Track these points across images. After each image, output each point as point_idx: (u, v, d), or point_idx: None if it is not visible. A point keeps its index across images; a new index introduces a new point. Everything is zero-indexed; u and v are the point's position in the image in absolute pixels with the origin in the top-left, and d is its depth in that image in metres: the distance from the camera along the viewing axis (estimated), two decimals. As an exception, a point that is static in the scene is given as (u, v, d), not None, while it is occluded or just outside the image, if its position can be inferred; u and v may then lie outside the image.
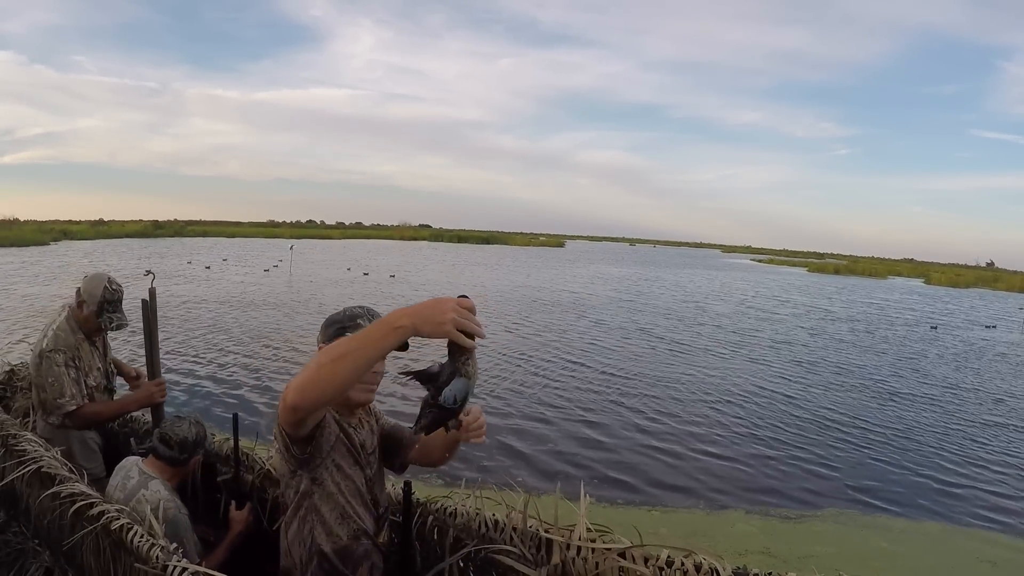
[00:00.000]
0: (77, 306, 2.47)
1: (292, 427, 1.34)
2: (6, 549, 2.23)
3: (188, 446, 1.95)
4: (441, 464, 1.72)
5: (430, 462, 1.71)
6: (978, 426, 7.22)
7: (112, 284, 2.46)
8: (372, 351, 1.11)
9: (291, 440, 1.39)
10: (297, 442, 1.40)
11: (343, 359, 1.11)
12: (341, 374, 1.12)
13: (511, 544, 1.70)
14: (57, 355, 2.35)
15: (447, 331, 1.08)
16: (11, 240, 29.66)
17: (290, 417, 1.26)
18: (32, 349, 2.48)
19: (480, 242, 69.67)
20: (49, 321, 2.47)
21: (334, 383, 1.13)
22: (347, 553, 1.49)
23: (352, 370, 1.12)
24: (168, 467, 1.95)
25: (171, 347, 8.87)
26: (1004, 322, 19.15)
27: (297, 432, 1.37)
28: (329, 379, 1.13)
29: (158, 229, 49.03)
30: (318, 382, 1.13)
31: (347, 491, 1.50)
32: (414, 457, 1.71)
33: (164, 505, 1.87)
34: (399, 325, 1.10)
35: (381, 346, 1.11)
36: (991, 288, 40.19)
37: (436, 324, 1.08)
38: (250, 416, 6.01)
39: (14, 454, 2.04)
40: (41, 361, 2.33)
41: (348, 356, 1.11)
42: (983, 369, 10.97)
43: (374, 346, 1.11)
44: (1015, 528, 4.63)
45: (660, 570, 1.52)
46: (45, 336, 2.39)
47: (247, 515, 1.98)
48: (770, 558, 3.86)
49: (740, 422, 6.73)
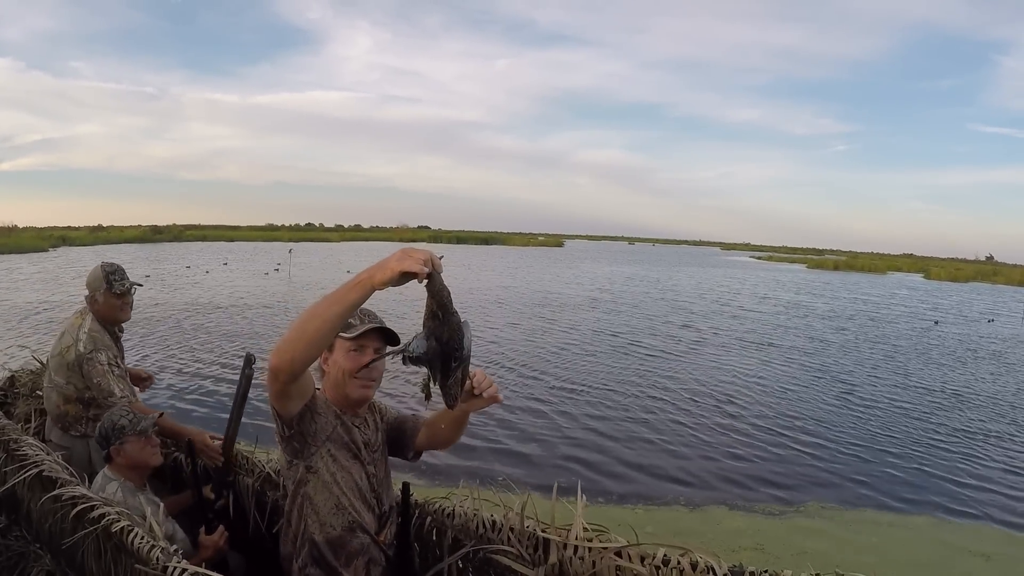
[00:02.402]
0: (91, 302, 2.49)
1: (278, 399, 1.39)
2: (7, 553, 2.25)
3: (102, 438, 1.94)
4: (452, 443, 1.75)
5: (440, 442, 1.74)
6: (965, 419, 7.21)
7: (106, 263, 2.52)
8: (338, 307, 1.19)
9: (280, 418, 1.45)
10: (286, 421, 1.45)
11: (313, 318, 1.20)
12: (311, 331, 1.20)
13: (509, 544, 1.72)
14: (100, 354, 2.38)
15: (395, 268, 1.14)
16: (10, 247, 29.62)
17: (273, 384, 1.33)
18: (51, 355, 2.49)
19: (479, 242, 69.68)
20: (69, 327, 2.48)
21: (306, 340, 1.21)
22: (339, 544, 1.51)
23: (322, 326, 1.20)
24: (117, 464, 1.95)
25: (172, 351, 8.90)
26: (1004, 316, 19.16)
27: (284, 407, 1.42)
28: (300, 337, 1.21)
29: (157, 234, 48.99)
30: (292, 341, 1.22)
31: (343, 483, 1.53)
32: (423, 442, 1.73)
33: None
34: (358, 280, 1.18)
35: (345, 300, 1.19)
36: (991, 282, 40.20)
37: (386, 269, 1.15)
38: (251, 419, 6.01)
39: (16, 458, 2.06)
40: (82, 365, 2.35)
41: (317, 315, 1.20)
42: (977, 362, 10.96)
43: (339, 302, 1.19)
44: (1004, 520, 4.63)
45: (657, 569, 1.54)
46: (78, 340, 2.39)
47: (218, 539, 1.89)
48: (764, 555, 3.85)
49: (718, 419, 6.71)
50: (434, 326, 1.22)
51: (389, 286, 1.17)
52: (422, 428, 1.73)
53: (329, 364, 1.59)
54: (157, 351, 8.86)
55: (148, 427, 1.97)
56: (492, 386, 1.44)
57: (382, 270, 1.15)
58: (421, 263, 1.14)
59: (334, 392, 1.59)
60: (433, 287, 1.19)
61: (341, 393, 1.58)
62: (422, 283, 1.18)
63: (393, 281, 1.15)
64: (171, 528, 1.86)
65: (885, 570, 3.79)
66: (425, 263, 1.15)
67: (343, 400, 1.59)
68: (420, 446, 1.74)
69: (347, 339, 1.54)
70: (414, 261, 1.14)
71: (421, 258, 1.15)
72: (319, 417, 1.50)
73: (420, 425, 1.74)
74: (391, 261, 1.15)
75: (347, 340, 1.54)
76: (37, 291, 14.90)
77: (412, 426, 1.74)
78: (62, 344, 2.45)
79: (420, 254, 1.16)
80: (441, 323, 1.21)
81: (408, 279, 1.16)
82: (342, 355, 1.56)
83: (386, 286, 1.16)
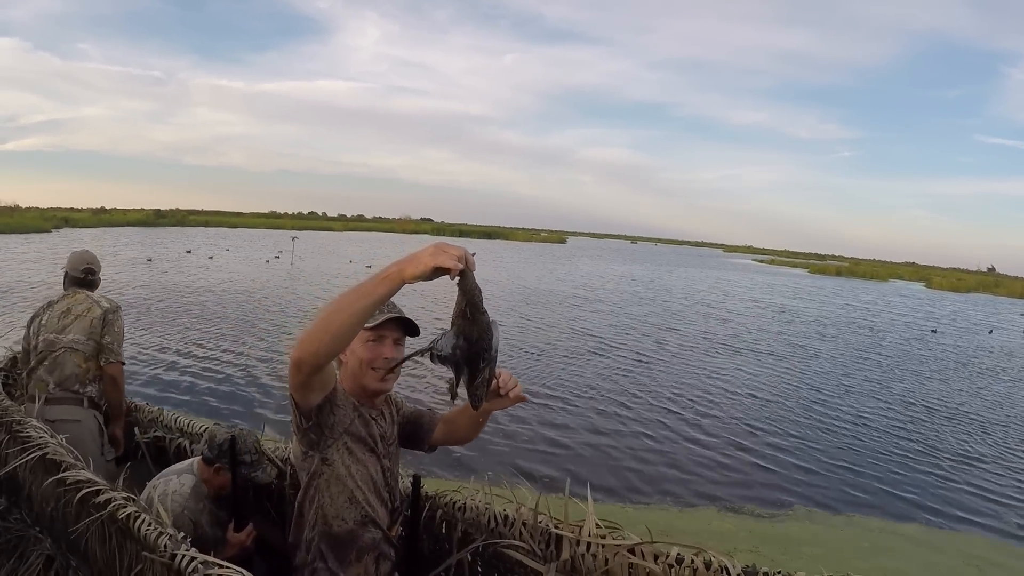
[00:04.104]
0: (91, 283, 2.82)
1: (299, 391, 1.36)
2: (6, 536, 2.22)
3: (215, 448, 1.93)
4: (469, 440, 1.74)
5: (457, 440, 1.72)
6: (953, 428, 7.19)
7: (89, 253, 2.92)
8: (366, 300, 1.16)
9: (299, 410, 1.41)
10: (304, 412, 1.42)
11: (339, 311, 1.16)
12: (337, 323, 1.17)
13: (520, 539, 1.69)
14: (121, 314, 2.74)
15: (428, 263, 1.10)
16: (12, 227, 29.64)
17: (295, 376, 1.29)
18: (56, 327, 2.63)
19: (482, 237, 69.70)
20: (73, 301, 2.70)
21: (331, 332, 1.18)
22: (351, 538, 1.48)
23: (348, 320, 1.16)
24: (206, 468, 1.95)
25: (169, 334, 8.87)
26: (1004, 329, 19.14)
27: (305, 399, 1.39)
28: (325, 330, 1.18)
29: (160, 218, 49.03)
30: (316, 333, 1.19)
31: (358, 476, 1.50)
32: (439, 438, 1.72)
33: (172, 498, 1.86)
34: (387, 274, 1.14)
35: (373, 293, 1.15)
36: (992, 293, 40.21)
37: (419, 263, 1.11)
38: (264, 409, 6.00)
39: (19, 440, 2.02)
40: (107, 316, 2.66)
41: (343, 307, 1.16)
42: (972, 372, 10.95)
43: (367, 295, 1.15)
44: (995, 529, 4.62)
45: (670, 567, 1.52)
46: (97, 302, 2.71)
47: (244, 538, 1.86)
48: (760, 557, 3.82)
49: (706, 422, 6.69)
50: (463, 325, 1.18)
51: (420, 280, 1.12)
52: (439, 424, 1.71)
53: (347, 354, 1.55)
54: (156, 334, 8.85)
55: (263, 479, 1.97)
56: (517, 386, 1.42)
57: (414, 264, 1.11)
58: (455, 259, 1.10)
59: (351, 383, 1.55)
60: (465, 285, 1.15)
61: (359, 384, 1.54)
62: (454, 280, 1.14)
63: (425, 276, 1.11)
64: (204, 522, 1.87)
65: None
66: (460, 259, 1.11)
67: (361, 391, 1.55)
68: (436, 442, 1.72)
69: (367, 328, 1.50)
70: (448, 256, 1.10)
71: (456, 254, 1.11)
72: (338, 409, 1.46)
73: (437, 421, 1.71)
74: (424, 255, 1.11)
75: (366, 330, 1.50)
76: (40, 272, 14.88)
77: (429, 421, 1.72)
78: (76, 311, 2.65)
79: (455, 250, 1.12)
80: (471, 322, 1.18)
81: (440, 274, 1.12)
82: (360, 345, 1.52)
83: (417, 280, 1.12)
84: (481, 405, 1.29)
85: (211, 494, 1.96)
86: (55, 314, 2.65)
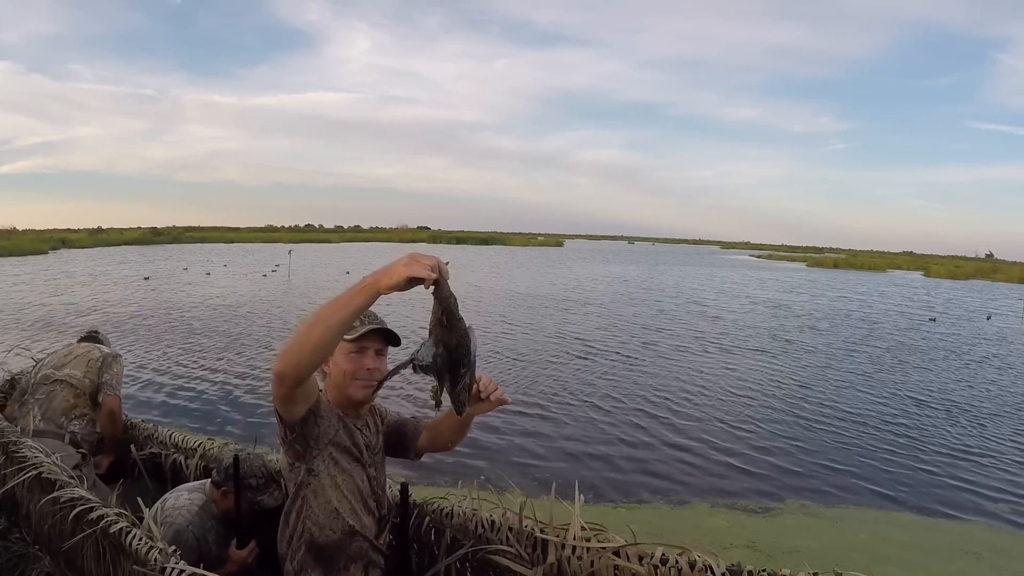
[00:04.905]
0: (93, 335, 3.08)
1: (282, 403, 1.38)
2: (7, 555, 2.25)
3: (222, 471, 1.97)
4: (454, 446, 1.75)
5: (442, 446, 1.74)
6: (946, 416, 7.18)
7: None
8: (343, 312, 1.18)
9: (283, 422, 1.44)
10: (289, 424, 1.44)
11: (318, 323, 1.19)
12: (316, 336, 1.19)
13: (507, 544, 1.72)
14: (121, 361, 2.88)
15: (402, 274, 1.13)
16: (9, 250, 29.61)
17: (277, 389, 1.32)
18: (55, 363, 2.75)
19: (479, 243, 69.67)
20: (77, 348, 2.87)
21: (311, 345, 1.21)
22: (338, 547, 1.50)
23: (326, 331, 1.19)
24: (215, 490, 1.98)
25: (168, 351, 8.90)
26: (1003, 314, 19.15)
27: (288, 411, 1.41)
28: (305, 342, 1.20)
29: (157, 236, 48.99)
30: (297, 346, 1.21)
31: (344, 486, 1.52)
32: (424, 445, 1.73)
33: (180, 512, 1.90)
34: (363, 285, 1.17)
35: (350, 305, 1.18)
36: (990, 279, 40.18)
37: (393, 274, 1.14)
38: (253, 418, 6.02)
39: (15, 460, 2.06)
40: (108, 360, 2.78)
41: (322, 320, 1.19)
42: (969, 360, 10.91)
43: (344, 307, 1.18)
44: (993, 515, 4.62)
45: (655, 568, 1.54)
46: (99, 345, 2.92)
47: (246, 556, 1.89)
48: (756, 553, 3.83)
49: (696, 417, 6.68)
50: (441, 333, 1.21)
51: (395, 291, 1.16)
52: (423, 431, 1.72)
53: (330, 365, 1.58)
54: (152, 350, 8.86)
55: (270, 503, 1.98)
56: (498, 389, 1.45)
57: (389, 275, 1.14)
58: (428, 268, 1.14)
59: (336, 394, 1.58)
60: (440, 294, 1.19)
61: (343, 395, 1.57)
62: (428, 289, 1.18)
63: (399, 286, 1.14)
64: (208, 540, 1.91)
65: (877, 569, 3.78)
66: (432, 269, 1.14)
67: (345, 402, 1.58)
68: (422, 449, 1.74)
69: (348, 340, 1.53)
70: (422, 267, 1.13)
71: (429, 264, 1.14)
72: (322, 420, 1.49)
73: (421, 428, 1.73)
74: (398, 266, 1.14)
75: (348, 342, 1.53)
76: (36, 293, 14.90)
77: (413, 429, 1.74)
78: (78, 352, 2.78)
79: (428, 259, 1.15)
80: (448, 330, 1.21)
81: (414, 284, 1.15)
82: (343, 357, 1.55)
83: (392, 291, 1.15)
84: (464, 410, 1.31)
85: (219, 515, 1.99)
86: (59, 355, 2.81)
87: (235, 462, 1.90)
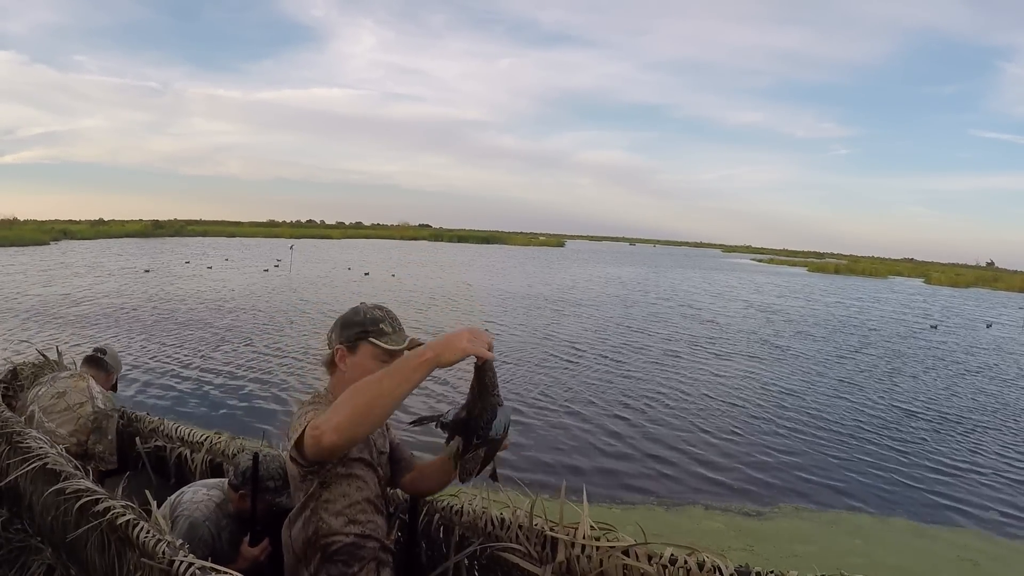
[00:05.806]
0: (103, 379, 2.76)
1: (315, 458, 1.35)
2: (8, 547, 2.23)
3: (239, 475, 1.96)
4: (432, 494, 1.76)
5: (420, 490, 1.73)
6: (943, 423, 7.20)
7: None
8: (405, 387, 1.20)
9: (303, 465, 1.41)
10: (310, 466, 1.41)
11: (379, 397, 1.19)
12: (378, 413, 1.20)
13: (517, 542, 1.71)
14: (115, 416, 2.62)
15: (466, 350, 1.20)
16: (10, 240, 29.64)
17: (327, 456, 1.32)
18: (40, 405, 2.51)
19: (480, 242, 69.67)
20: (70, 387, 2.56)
21: (372, 422, 1.21)
22: (350, 552, 1.48)
23: (388, 408, 1.21)
24: (232, 492, 1.97)
25: (167, 345, 8.89)
26: (1003, 323, 19.13)
27: (316, 461, 1.39)
28: (366, 416, 1.20)
29: (158, 229, 49.05)
30: (355, 420, 1.20)
31: (357, 494, 1.50)
32: (407, 484, 1.72)
33: (197, 506, 1.89)
34: (425, 358, 1.19)
35: (412, 380, 1.20)
36: (991, 288, 40.16)
37: (456, 349, 1.19)
38: (278, 426, 6.01)
39: (19, 451, 2.04)
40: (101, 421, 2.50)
41: (383, 394, 1.19)
42: (967, 367, 10.93)
43: (406, 382, 1.20)
44: (986, 522, 4.63)
45: (664, 568, 1.53)
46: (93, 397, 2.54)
47: (258, 553, 1.87)
48: (754, 556, 3.83)
49: (690, 420, 6.70)
50: (470, 400, 1.33)
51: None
52: (413, 470, 1.71)
53: (347, 364, 1.50)
54: (155, 343, 8.86)
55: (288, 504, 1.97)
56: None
57: (451, 350, 1.19)
58: (487, 348, 1.23)
59: None
60: (483, 368, 1.30)
61: None
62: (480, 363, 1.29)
63: (459, 361, 1.21)
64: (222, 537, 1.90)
65: (876, 574, 3.77)
66: (490, 348, 1.24)
67: None
68: (403, 485, 1.73)
69: (379, 347, 1.48)
70: (482, 344, 1.22)
71: (488, 342, 1.23)
72: None
73: (412, 466, 1.72)
74: (461, 342, 1.20)
75: (379, 348, 1.48)
76: (40, 284, 14.89)
77: (406, 463, 1.72)
78: (67, 401, 2.49)
79: (487, 338, 1.24)
80: (477, 400, 1.32)
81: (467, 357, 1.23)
82: (370, 360, 1.48)
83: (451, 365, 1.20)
84: (468, 480, 1.36)
85: (234, 513, 1.98)
86: (52, 391, 2.53)
87: (254, 462, 1.89)
